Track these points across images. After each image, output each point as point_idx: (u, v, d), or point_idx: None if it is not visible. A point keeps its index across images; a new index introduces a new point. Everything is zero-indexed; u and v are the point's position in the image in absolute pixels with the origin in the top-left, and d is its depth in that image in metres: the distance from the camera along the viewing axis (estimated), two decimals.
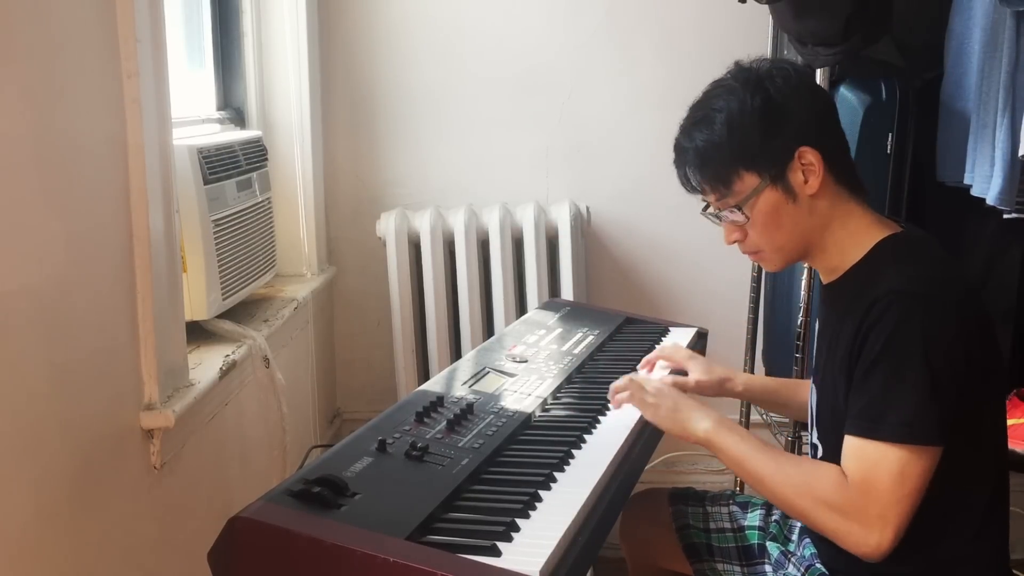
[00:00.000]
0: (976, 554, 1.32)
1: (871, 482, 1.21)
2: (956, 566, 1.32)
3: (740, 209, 1.35)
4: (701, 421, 1.38)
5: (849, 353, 1.28)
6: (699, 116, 1.37)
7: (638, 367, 1.77)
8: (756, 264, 2.51)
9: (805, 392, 1.69)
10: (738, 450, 1.34)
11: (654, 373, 1.75)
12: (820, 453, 1.42)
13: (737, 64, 1.39)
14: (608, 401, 1.58)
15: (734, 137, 1.33)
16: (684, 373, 1.70)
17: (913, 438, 1.20)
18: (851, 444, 1.25)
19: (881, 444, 1.21)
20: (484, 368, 1.68)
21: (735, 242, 1.41)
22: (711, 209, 1.41)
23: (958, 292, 1.27)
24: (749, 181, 1.34)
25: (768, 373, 2.44)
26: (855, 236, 1.35)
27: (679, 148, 1.40)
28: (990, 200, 1.73)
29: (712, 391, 1.69)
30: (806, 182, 1.33)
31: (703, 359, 1.72)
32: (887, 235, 1.34)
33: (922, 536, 1.29)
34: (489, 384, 1.60)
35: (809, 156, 1.32)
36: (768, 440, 2.30)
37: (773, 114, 1.32)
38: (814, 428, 1.45)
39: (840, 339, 1.32)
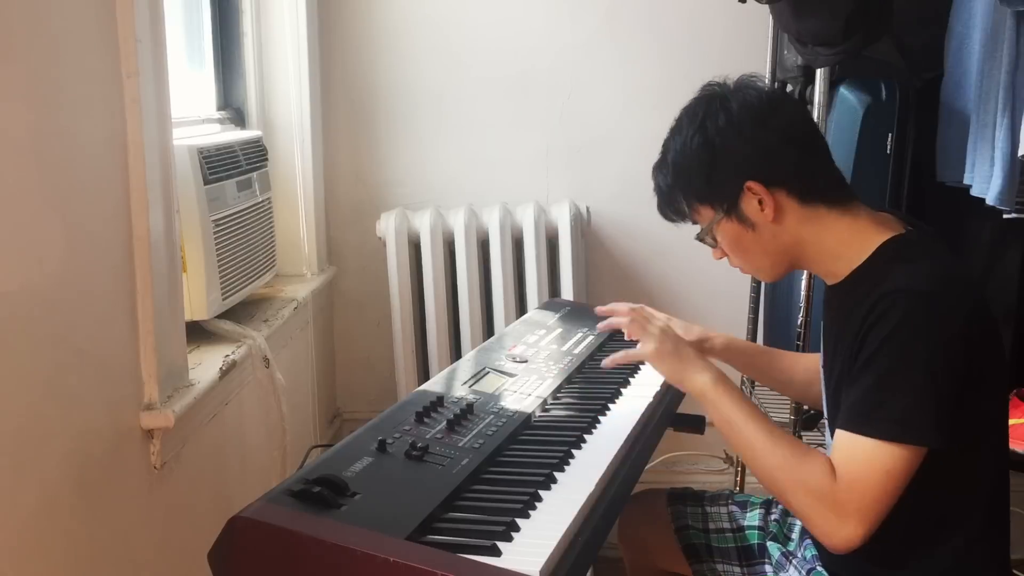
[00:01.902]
0: (976, 556, 1.32)
1: (857, 477, 1.22)
2: (956, 568, 1.31)
3: (705, 237, 1.43)
4: (701, 372, 1.38)
5: (851, 350, 1.28)
6: (661, 153, 1.44)
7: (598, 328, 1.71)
8: None
9: (785, 363, 1.70)
10: (731, 412, 1.34)
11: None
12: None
13: (703, 87, 1.43)
14: (608, 402, 1.59)
15: (680, 178, 1.40)
16: None
17: (904, 437, 1.20)
18: (841, 438, 1.25)
19: (871, 440, 1.21)
20: (484, 368, 1.68)
21: (719, 259, 1.46)
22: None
23: (963, 293, 1.27)
24: (705, 214, 1.40)
25: None
26: (850, 244, 1.35)
27: (654, 184, 1.47)
28: (990, 200, 1.73)
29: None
30: (764, 210, 1.34)
31: (680, 320, 1.72)
32: (891, 236, 1.33)
33: (922, 538, 1.29)
34: (489, 384, 1.60)
35: (757, 189, 1.33)
36: None
37: (711, 154, 1.35)
38: (828, 426, 1.44)
39: (844, 338, 1.32)
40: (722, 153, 1.34)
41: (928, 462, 1.23)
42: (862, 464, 1.22)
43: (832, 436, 1.43)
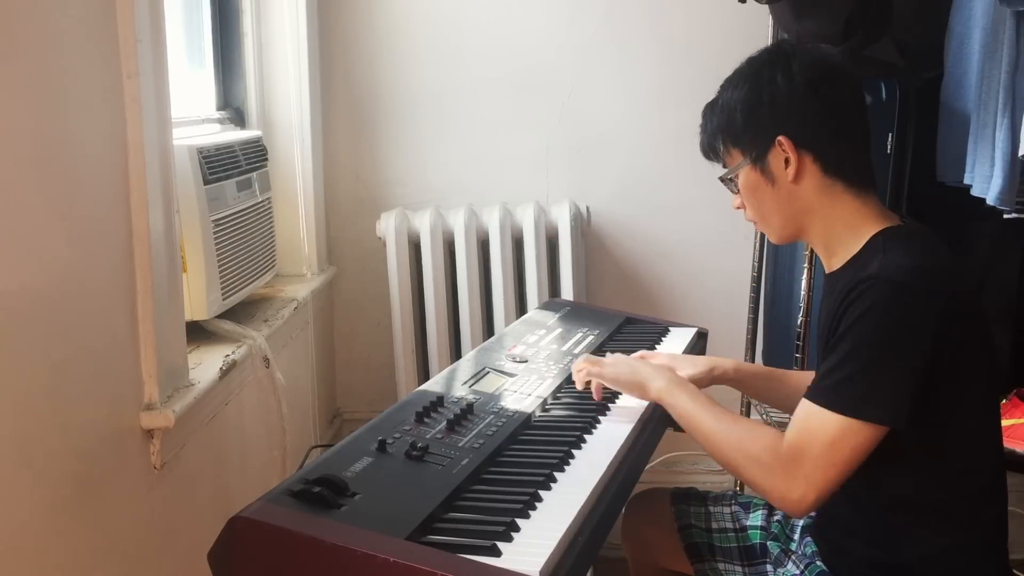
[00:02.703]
0: (970, 546, 1.34)
1: (802, 443, 1.28)
2: (951, 558, 1.33)
3: (727, 181, 1.47)
4: (656, 380, 1.49)
5: (830, 331, 1.33)
6: (715, 97, 1.48)
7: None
8: (756, 263, 2.51)
9: (795, 381, 1.71)
10: (687, 407, 1.43)
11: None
12: None
13: (776, 42, 1.50)
14: (607, 402, 1.59)
15: (723, 115, 1.44)
16: None
17: (857, 412, 1.25)
18: (801, 406, 1.31)
19: (826, 412, 1.27)
20: (484, 368, 1.68)
21: (738, 208, 1.50)
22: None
23: (941, 286, 1.29)
24: (735, 157, 1.45)
25: None
26: (852, 229, 1.39)
27: (702, 121, 1.51)
28: (990, 200, 1.73)
29: (705, 382, 1.72)
30: (786, 168, 1.38)
31: (687, 356, 1.76)
32: (884, 227, 1.37)
33: (918, 528, 1.30)
34: (489, 384, 1.60)
35: (787, 146, 1.37)
36: None
37: (756, 101, 1.40)
38: None
39: (828, 324, 1.36)
40: (767, 103, 1.39)
41: (906, 447, 1.27)
42: (811, 433, 1.28)
43: None
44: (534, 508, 1.17)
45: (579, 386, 1.59)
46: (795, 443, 1.29)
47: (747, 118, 1.41)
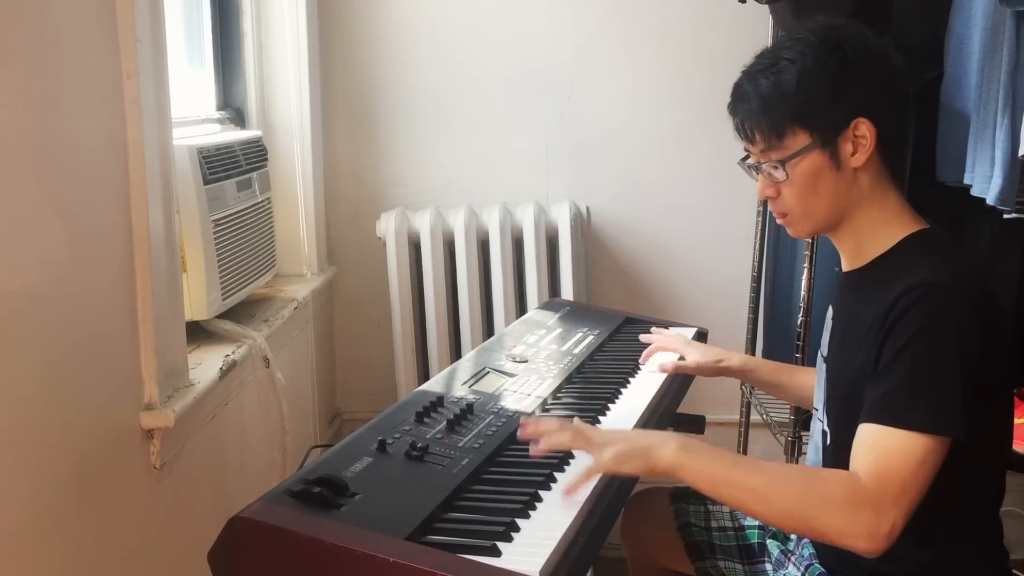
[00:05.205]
0: (974, 554, 1.33)
1: (889, 470, 1.18)
2: (954, 565, 1.32)
3: (783, 165, 1.34)
4: (663, 446, 1.23)
5: (872, 342, 1.26)
6: (767, 63, 1.35)
7: (640, 361, 1.81)
8: (756, 263, 2.51)
9: (802, 376, 1.71)
10: (718, 464, 1.22)
11: (652, 362, 1.79)
12: (829, 440, 1.41)
13: (820, 23, 1.36)
14: (607, 402, 1.59)
15: (801, 92, 1.31)
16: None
17: (937, 428, 1.18)
18: (868, 432, 1.22)
19: (905, 432, 1.18)
20: (484, 368, 1.68)
21: (768, 198, 1.39)
22: (751, 160, 1.39)
23: (982, 291, 1.27)
24: (800, 139, 1.32)
25: None
26: (887, 221, 1.35)
27: (739, 91, 1.37)
28: (990, 200, 1.73)
29: (711, 372, 1.74)
30: (854, 154, 1.32)
31: (697, 343, 1.76)
32: (917, 229, 1.34)
33: (922, 535, 1.29)
34: (489, 384, 1.60)
35: (864, 129, 1.30)
36: (768, 441, 2.31)
37: (845, 78, 1.30)
38: (824, 415, 1.44)
39: (858, 327, 1.31)
40: (856, 77, 1.29)
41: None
42: (897, 455, 1.18)
43: (825, 420, 1.43)
44: (534, 508, 1.17)
45: (535, 450, 1.26)
46: (879, 471, 1.18)
47: (832, 93, 1.29)
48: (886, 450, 1.19)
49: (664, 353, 1.82)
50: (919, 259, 1.28)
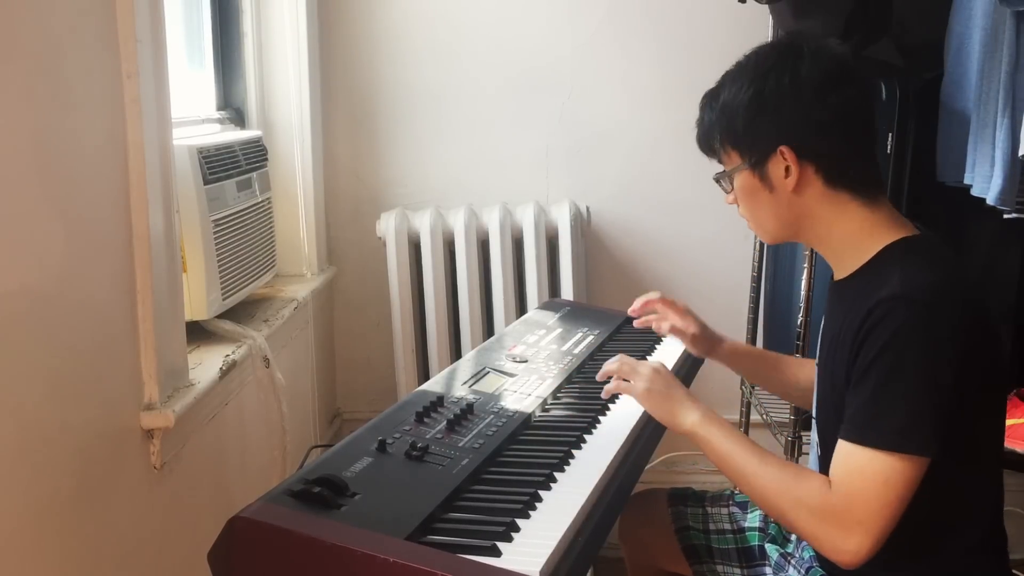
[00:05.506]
0: (976, 564, 1.31)
1: (856, 488, 1.20)
2: (951, 565, 1.31)
3: (725, 179, 1.42)
4: (690, 412, 1.38)
5: (850, 352, 1.27)
6: (716, 87, 1.41)
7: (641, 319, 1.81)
8: (756, 263, 2.51)
9: (790, 368, 1.71)
10: (725, 444, 1.34)
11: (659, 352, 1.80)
12: (820, 450, 1.41)
13: (788, 35, 1.41)
14: (608, 401, 1.59)
15: (723, 117, 1.38)
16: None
17: (902, 447, 1.19)
18: (841, 448, 1.24)
19: (869, 450, 1.20)
20: (484, 368, 1.68)
21: (731, 204, 1.44)
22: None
23: (963, 300, 1.25)
24: (733, 158, 1.39)
25: None
26: (860, 238, 1.33)
27: (699, 115, 1.45)
28: (990, 200, 1.73)
29: (704, 347, 1.75)
30: (787, 177, 1.33)
31: (698, 317, 1.77)
32: (897, 238, 1.32)
33: (922, 545, 1.28)
34: (489, 384, 1.60)
35: (788, 157, 1.32)
36: (768, 442, 2.31)
37: (759, 106, 1.33)
38: (815, 425, 1.45)
39: (842, 338, 1.31)
40: (771, 110, 1.33)
41: (927, 471, 1.21)
42: (859, 475, 1.20)
43: (819, 434, 1.44)
44: (534, 508, 1.17)
45: (607, 386, 1.49)
46: (847, 489, 1.21)
47: (749, 123, 1.34)
48: (854, 468, 1.21)
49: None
50: (894, 271, 1.26)
